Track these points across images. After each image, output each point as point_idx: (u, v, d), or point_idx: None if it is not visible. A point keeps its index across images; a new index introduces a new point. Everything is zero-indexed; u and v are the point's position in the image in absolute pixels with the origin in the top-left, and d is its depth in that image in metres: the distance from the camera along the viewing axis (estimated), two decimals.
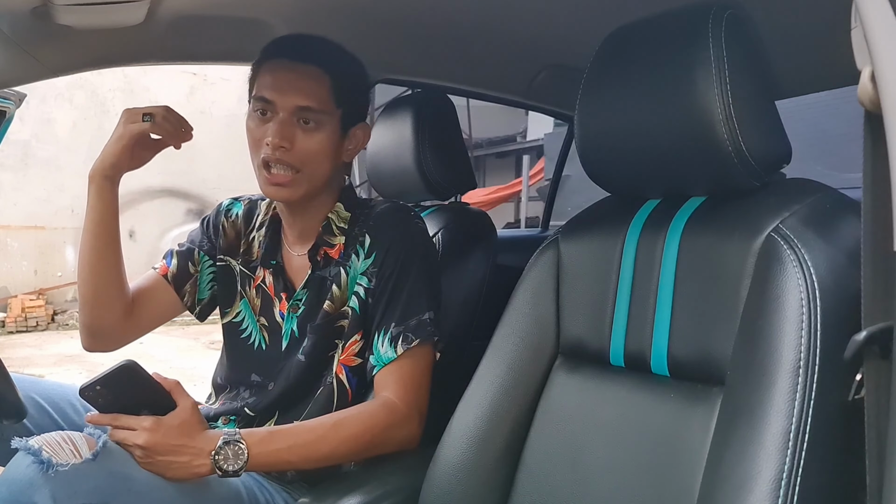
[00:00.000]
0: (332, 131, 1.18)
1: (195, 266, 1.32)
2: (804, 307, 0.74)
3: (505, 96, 1.87)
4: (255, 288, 1.29)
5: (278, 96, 1.14)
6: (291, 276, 1.27)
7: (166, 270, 1.31)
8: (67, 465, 0.91)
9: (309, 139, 1.15)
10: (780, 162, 0.91)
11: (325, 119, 1.16)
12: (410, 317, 1.17)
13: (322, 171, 1.19)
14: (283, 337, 1.25)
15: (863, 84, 0.55)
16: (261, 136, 1.15)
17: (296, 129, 1.15)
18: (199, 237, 1.35)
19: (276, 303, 1.27)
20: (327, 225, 1.24)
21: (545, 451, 1.00)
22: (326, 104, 1.16)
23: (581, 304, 1.02)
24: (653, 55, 0.91)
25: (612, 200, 1.08)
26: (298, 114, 1.14)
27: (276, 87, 1.14)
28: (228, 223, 1.34)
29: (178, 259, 1.32)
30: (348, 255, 1.21)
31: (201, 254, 1.33)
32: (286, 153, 1.14)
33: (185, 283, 1.31)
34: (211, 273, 1.33)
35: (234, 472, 1.02)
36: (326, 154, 1.18)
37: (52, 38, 1.10)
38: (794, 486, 0.69)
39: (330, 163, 1.19)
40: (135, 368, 1.01)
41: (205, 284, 1.34)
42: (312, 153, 1.16)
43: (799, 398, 0.71)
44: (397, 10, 1.30)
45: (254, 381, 1.27)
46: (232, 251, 1.32)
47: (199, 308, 1.34)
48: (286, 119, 1.14)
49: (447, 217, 1.56)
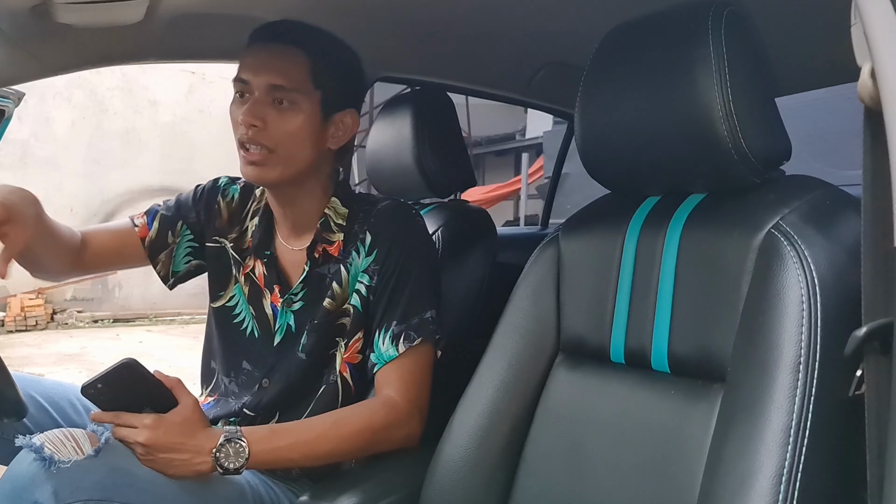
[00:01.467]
0: (309, 114, 1.15)
1: (174, 237, 1.29)
2: (804, 303, 0.74)
3: (504, 94, 1.87)
4: (245, 276, 1.28)
5: (252, 76, 1.13)
6: (286, 269, 1.25)
7: (146, 234, 1.28)
8: (70, 461, 0.91)
9: (282, 119, 1.13)
10: (780, 159, 0.91)
11: (300, 99, 1.14)
12: (412, 315, 1.17)
13: (299, 154, 1.15)
14: (278, 332, 1.24)
15: (862, 81, 0.55)
16: (237, 116, 1.14)
17: (269, 108, 1.13)
18: (187, 208, 1.31)
19: (266, 294, 1.25)
20: (325, 221, 1.22)
21: (546, 449, 1.00)
22: (302, 84, 1.14)
23: (581, 301, 1.02)
24: (653, 52, 0.91)
25: (612, 198, 1.08)
26: (272, 93, 1.13)
27: (251, 66, 1.14)
28: (224, 203, 1.31)
29: (159, 224, 1.28)
30: (348, 253, 1.21)
31: (184, 226, 1.29)
32: (259, 132, 1.12)
33: (161, 251, 1.28)
34: (188, 247, 1.30)
35: (236, 469, 1.02)
36: (303, 137, 1.15)
37: (50, 37, 1.10)
38: (794, 483, 0.69)
39: (309, 147, 1.16)
40: (135, 366, 1.01)
41: (181, 258, 1.31)
42: (286, 133, 1.13)
43: (799, 394, 0.71)
44: (397, 8, 1.30)
45: (244, 369, 1.26)
46: (224, 234, 1.30)
47: (172, 280, 1.32)
48: (259, 98, 1.13)
49: (447, 215, 1.56)
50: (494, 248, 1.58)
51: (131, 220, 1.30)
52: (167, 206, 1.31)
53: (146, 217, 1.29)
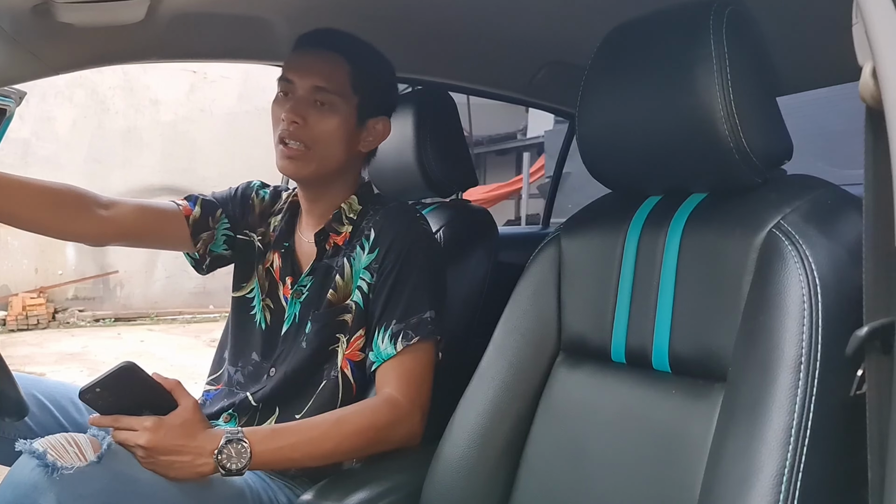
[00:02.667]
0: (346, 117, 1.22)
1: (214, 222, 1.35)
2: (806, 303, 0.74)
3: (505, 93, 1.87)
4: (266, 269, 1.33)
5: (297, 76, 1.21)
6: (300, 260, 1.31)
7: (189, 212, 1.33)
8: (72, 467, 0.91)
9: (322, 119, 1.20)
10: (781, 158, 0.91)
11: (340, 103, 1.21)
12: (411, 314, 1.17)
13: (333, 153, 1.22)
14: (286, 321, 1.27)
15: (864, 80, 0.55)
16: (279, 113, 1.21)
17: (310, 108, 1.20)
18: (226, 199, 1.38)
19: (280, 286, 1.30)
20: (338, 213, 1.27)
21: (547, 448, 1.00)
22: (342, 88, 1.21)
23: (582, 300, 1.02)
24: (654, 52, 0.91)
25: (613, 197, 1.08)
26: (315, 94, 1.20)
27: (296, 68, 1.22)
28: (257, 200, 1.38)
29: (201, 208, 1.34)
30: (353, 247, 1.24)
31: (223, 214, 1.35)
32: (299, 129, 1.19)
33: (203, 231, 1.34)
34: (225, 236, 1.36)
35: (238, 470, 1.02)
36: (338, 138, 1.22)
37: (52, 36, 1.10)
38: (795, 482, 0.69)
39: (343, 147, 1.23)
40: (134, 369, 1.01)
41: (220, 242, 1.36)
42: (324, 133, 1.20)
43: (800, 394, 0.71)
44: (398, 8, 1.30)
45: (253, 360, 1.29)
46: (254, 228, 1.36)
47: (208, 260, 1.36)
48: (303, 98, 1.20)
49: (449, 214, 1.56)
50: (496, 248, 1.58)
51: (173, 202, 1.35)
52: (206, 195, 1.37)
53: (187, 201, 1.34)
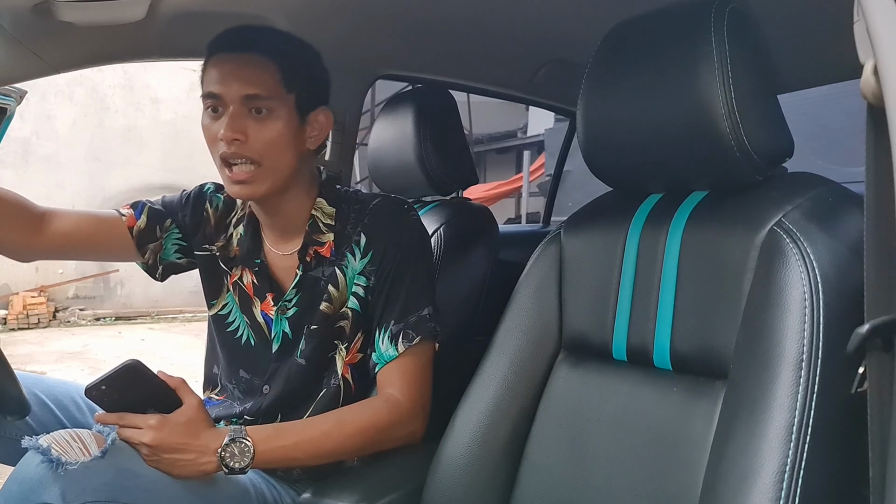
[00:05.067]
0: (287, 119, 1.12)
1: (162, 232, 1.28)
2: (807, 301, 0.74)
3: (506, 91, 1.87)
4: (232, 285, 1.27)
5: (224, 88, 1.10)
6: (279, 276, 1.24)
7: (133, 223, 1.26)
8: (77, 463, 0.91)
9: (263, 129, 1.10)
10: (782, 156, 0.91)
11: (277, 106, 1.11)
12: (410, 313, 1.17)
13: (284, 161, 1.13)
14: (275, 339, 1.22)
15: (865, 78, 0.55)
16: (215, 132, 1.11)
17: (247, 119, 1.10)
18: (176, 207, 1.29)
19: (256, 303, 1.24)
20: (313, 223, 1.20)
21: (548, 446, 1.00)
22: (275, 90, 1.11)
23: (584, 298, 1.02)
24: (655, 50, 0.91)
25: (614, 195, 1.08)
26: (247, 103, 1.10)
27: (220, 79, 1.10)
28: (211, 210, 1.29)
29: (147, 217, 1.26)
30: (342, 255, 1.19)
31: (173, 224, 1.28)
32: (242, 146, 1.09)
33: (150, 243, 1.27)
34: (176, 245, 1.29)
35: (241, 469, 1.03)
36: (285, 143, 1.13)
37: (53, 35, 1.10)
38: (796, 480, 0.69)
39: (291, 152, 1.14)
40: (139, 368, 1.01)
41: (170, 251, 1.30)
42: (269, 143, 1.11)
43: (802, 392, 0.71)
44: (398, 6, 1.30)
45: (242, 378, 1.25)
46: (212, 241, 1.28)
47: (161, 268, 1.30)
48: (236, 111, 1.09)
49: (449, 212, 1.56)
50: (496, 246, 1.58)
51: (116, 211, 1.28)
52: (154, 203, 1.30)
53: (132, 209, 1.28)
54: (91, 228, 1.25)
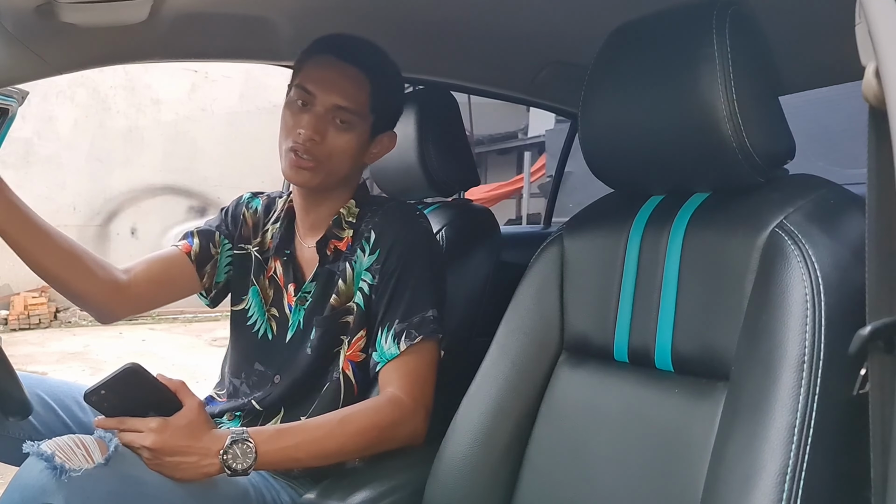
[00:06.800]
0: (361, 134, 1.22)
1: (216, 248, 1.34)
2: (808, 302, 0.74)
3: (507, 93, 1.87)
4: (269, 279, 1.32)
5: (320, 91, 1.18)
6: (302, 267, 1.30)
7: (189, 249, 1.32)
8: (80, 470, 0.90)
9: (339, 137, 1.19)
10: (783, 158, 0.91)
11: (358, 122, 1.21)
12: (413, 314, 1.18)
13: (343, 168, 1.23)
14: (290, 328, 1.27)
15: (867, 80, 0.55)
16: (294, 124, 1.19)
17: (329, 125, 1.19)
18: (219, 222, 1.37)
19: (284, 294, 1.29)
20: (338, 219, 1.27)
21: (549, 447, 1.01)
22: (362, 108, 1.20)
23: (585, 299, 1.02)
24: (657, 51, 0.91)
25: (615, 196, 1.08)
26: (335, 112, 1.19)
27: (320, 81, 1.19)
28: (248, 213, 1.37)
29: (199, 239, 1.33)
30: (353, 250, 1.24)
31: (221, 237, 1.34)
32: (316, 145, 1.18)
33: (206, 263, 1.33)
34: (229, 257, 1.35)
35: (244, 470, 1.03)
36: (351, 154, 1.22)
37: (55, 36, 1.10)
38: (798, 481, 0.69)
39: (352, 162, 1.24)
40: (138, 371, 1.01)
41: (223, 268, 1.35)
42: (339, 151, 1.20)
43: (803, 393, 0.71)
44: (400, 8, 1.30)
45: (256, 370, 1.28)
46: (249, 240, 1.35)
47: (214, 292, 1.35)
48: (322, 114, 1.18)
49: (450, 214, 1.56)
50: (498, 247, 1.58)
51: (172, 246, 1.33)
52: (200, 225, 1.37)
53: (184, 239, 1.34)
54: (161, 272, 1.30)
